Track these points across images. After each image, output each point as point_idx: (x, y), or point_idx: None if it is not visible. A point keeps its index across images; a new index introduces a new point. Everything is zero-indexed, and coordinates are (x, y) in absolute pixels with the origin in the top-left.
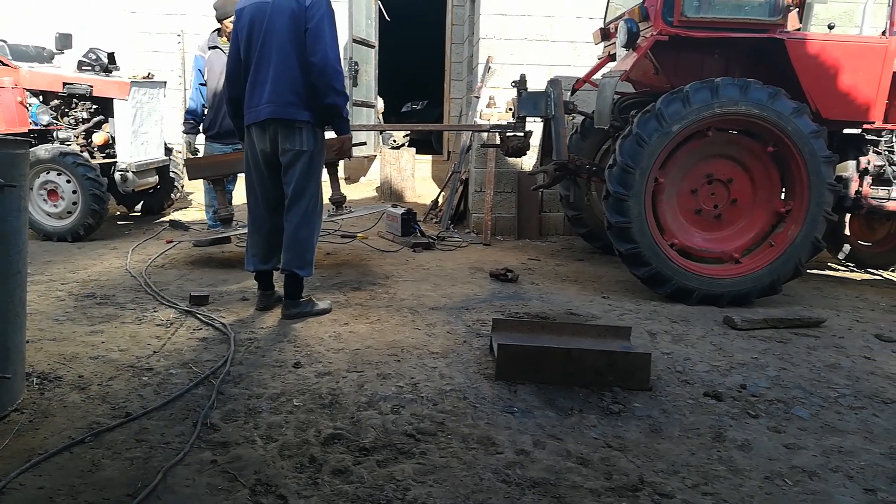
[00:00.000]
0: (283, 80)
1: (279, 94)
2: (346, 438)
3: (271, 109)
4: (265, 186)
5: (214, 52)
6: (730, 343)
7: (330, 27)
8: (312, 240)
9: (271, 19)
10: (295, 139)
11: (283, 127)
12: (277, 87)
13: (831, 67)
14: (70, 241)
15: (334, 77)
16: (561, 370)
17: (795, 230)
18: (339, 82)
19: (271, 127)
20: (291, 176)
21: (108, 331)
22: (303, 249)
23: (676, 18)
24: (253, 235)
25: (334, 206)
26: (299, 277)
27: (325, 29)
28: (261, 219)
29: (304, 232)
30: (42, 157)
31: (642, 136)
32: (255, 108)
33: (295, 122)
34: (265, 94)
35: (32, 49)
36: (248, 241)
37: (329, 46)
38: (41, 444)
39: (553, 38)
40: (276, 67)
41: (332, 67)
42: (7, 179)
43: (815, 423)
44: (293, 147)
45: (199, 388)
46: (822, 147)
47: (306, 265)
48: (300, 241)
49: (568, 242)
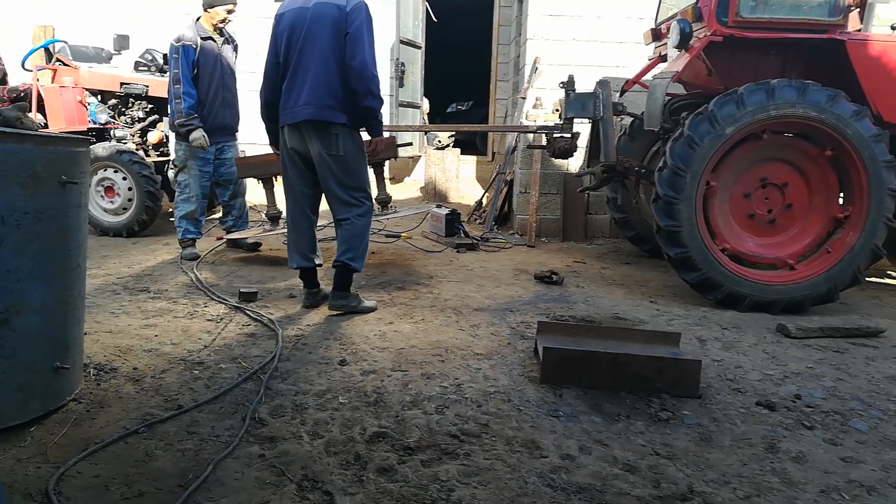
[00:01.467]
0: (322, 83)
1: (318, 97)
2: (390, 437)
3: (310, 111)
4: (301, 186)
5: (208, 44)
6: (783, 351)
7: (369, 33)
8: (365, 234)
9: (312, 24)
10: (331, 144)
11: (320, 129)
12: (316, 89)
13: (894, 69)
14: (125, 236)
15: (372, 81)
16: (607, 375)
17: (854, 237)
18: (376, 86)
19: (309, 128)
20: (332, 177)
21: (161, 324)
22: (356, 243)
23: (731, 19)
24: (292, 233)
25: (380, 206)
26: (350, 270)
27: (364, 34)
28: (298, 217)
29: (355, 227)
30: (100, 155)
31: (694, 139)
32: (291, 110)
33: (331, 125)
34: (303, 97)
35: (91, 50)
36: (289, 238)
37: (367, 52)
38: (97, 434)
39: (602, 39)
40: (315, 71)
41: (371, 72)
42: (68, 176)
43: (874, 436)
44: (331, 151)
45: (248, 383)
46: (883, 151)
47: (358, 258)
48: (354, 236)
49: (614, 245)
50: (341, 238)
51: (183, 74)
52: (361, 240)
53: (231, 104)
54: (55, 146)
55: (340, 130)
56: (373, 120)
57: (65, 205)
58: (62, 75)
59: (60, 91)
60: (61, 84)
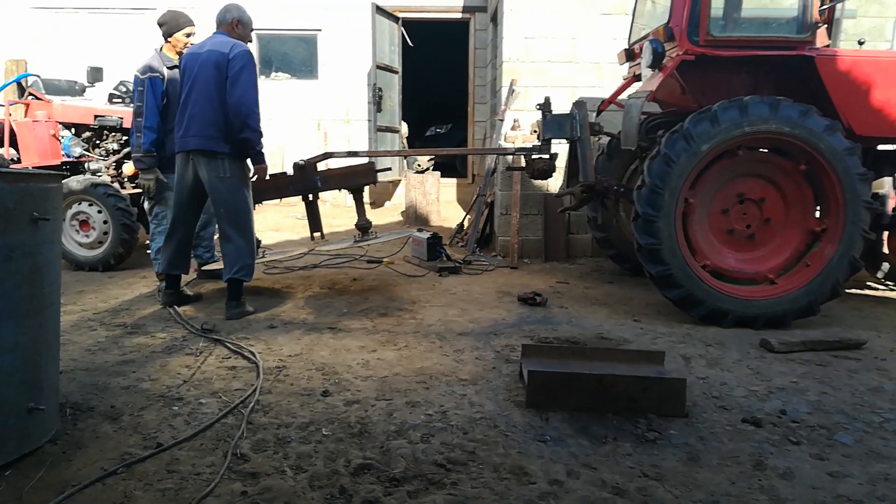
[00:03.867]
0: (207, 118)
1: (203, 129)
2: (375, 468)
3: (197, 142)
4: (183, 204)
5: (174, 72)
6: (767, 367)
7: (248, 75)
8: (249, 251)
9: (201, 67)
10: (218, 167)
11: (207, 156)
12: (202, 123)
13: (863, 83)
14: (101, 270)
15: (249, 116)
16: (593, 397)
17: (832, 249)
18: (254, 121)
19: (198, 156)
20: (219, 197)
21: (139, 360)
22: (243, 260)
23: (702, 38)
24: (169, 242)
25: (360, 232)
26: (241, 283)
27: (241, 77)
28: (175, 229)
29: (239, 246)
30: (74, 189)
31: (670, 157)
32: (182, 139)
33: (216, 154)
34: (192, 129)
35: (64, 83)
36: (164, 245)
37: (244, 91)
38: (74, 476)
39: (577, 60)
40: (201, 106)
41: (247, 108)
42: (41, 213)
43: (860, 449)
44: (217, 174)
45: (229, 418)
46: (856, 164)
47: (247, 273)
48: (240, 254)
49: (596, 264)
50: (229, 257)
51: (148, 107)
52: (248, 256)
53: None
54: (26, 182)
55: (226, 157)
56: (251, 150)
57: (37, 242)
58: (35, 109)
59: (33, 125)
60: (34, 118)
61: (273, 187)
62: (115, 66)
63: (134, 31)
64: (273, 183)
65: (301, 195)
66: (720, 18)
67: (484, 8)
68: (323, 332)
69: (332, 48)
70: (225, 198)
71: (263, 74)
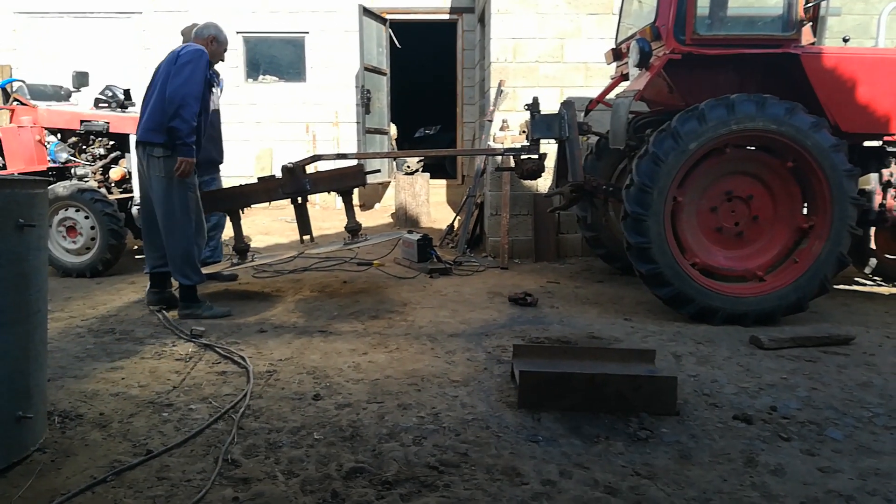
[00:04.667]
0: (154, 111)
1: (148, 121)
2: (368, 472)
3: (141, 133)
4: (147, 198)
5: None
6: (757, 363)
7: (192, 70)
8: (188, 254)
9: (161, 66)
10: (154, 166)
11: (147, 149)
12: (150, 115)
13: (848, 80)
14: (89, 276)
15: (181, 106)
16: (585, 396)
17: (820, 246)
18: (186, 112)
19: (139, 148)
20: (157, 199)
21: (128, 367)
22: (182, 264)
23: (689, 37)
24: (146, 238)
25: (350, 235)
26: (183, 285)
27: (182, 72)
28: (149, 223)
29: (175, 251)
30: (61, 195)
31: (659, 155)
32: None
33: (154, 147)
34: (142, 122)
35: (50, 88)
36: (144, 244)
37: (183, 82)
38: (63, 485)
39: (565, 60)
40: (154, 100)
41: (181, 98)
42: (26, 219)
43: (850, 444)
44: (154, 172)
45: (220, 424)
46: (842, 161)
47: (190, 275)
48: (176, 258)
49: (587, 264)
50: (170, 260)
51: None
52: (186, 259)
53: (214, 139)
54: (11, 189)
55: (161, 154)
56: (177, 140)
57: (23, 248)
58: (20, 115)
59: (19, 131)
60: (19, 124)
61: (262, 190)
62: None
63: (119, 35)
64: (262, 186)
65: (290, 198)
66: (706, 17)
67: (471, 9)
68: (313, 336)
69: (319, 50)
70: (159, 196)
71: (251, 77)
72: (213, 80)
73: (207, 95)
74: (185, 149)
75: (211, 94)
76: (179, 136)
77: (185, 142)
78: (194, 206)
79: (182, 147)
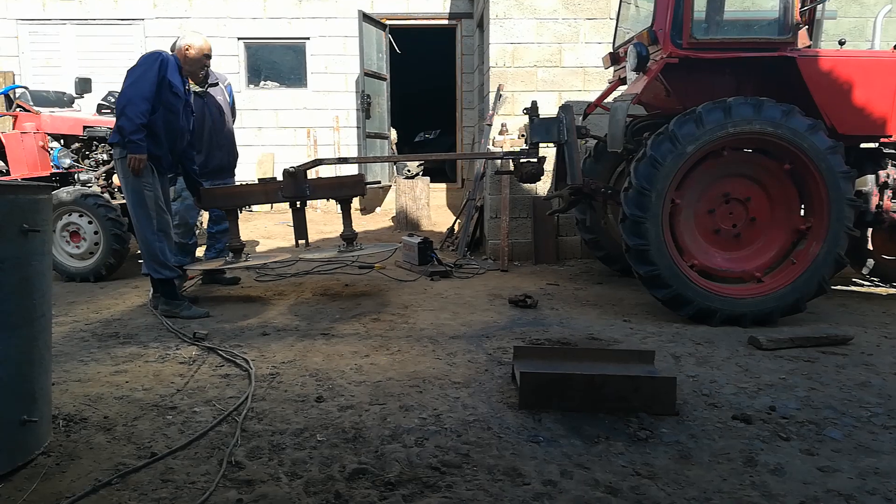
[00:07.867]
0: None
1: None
2: (371, 473)
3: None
4: None
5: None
6: (756, 364)
7: (142, 72)
8: (147, 248)
9: None
10: (117, 166)
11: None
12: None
13: (844, 83)
14: (93, 281)
15: (125, 105)
16: (585, 397)
17: (817, 247)
18: (130, 110)
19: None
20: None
21: (132, 370)
22: (147, 257)
23: (685, 41)
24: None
25: (345, 242)
26: (155, 279)
27: (135, 71)
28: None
29: (139, 241)
30: (64, 200)
31: (657, 158)
32: None
33: (114, 146)
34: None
35: (53, 94)
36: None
37: (129, 84)
38: (68, 488)
39: (563, 65)
40: None
41: (126, 97)
42: (30, 224)
43: (849, 444)
44: (118, 174)
45: (223, 426)
46: (839, 163)
47: (154, 269)
48: (142, 251)
49: (586, 266)
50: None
51: None
52: (151, 255)
53: (222, 146)
54: (15, 194)
55: (118, 154)
56: (123, 138)
57: (27, 253)
58: (23, 121)
59: (22, 137)
60: (23, 130)
61: (262, 192)
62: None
63: (122, 42)
64: (262, 188)
65: (290, 202)
66: (703, 21)
67: (470, 14)
68: (316, 338)
69: (320, 56)
70: (125, 195)
71: (252, 83)
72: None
73: (170, 98)
74: (131, 146)
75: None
76: (123, 132)
77: (130, 139)
78: (152, 203)
79: (129, 144)
